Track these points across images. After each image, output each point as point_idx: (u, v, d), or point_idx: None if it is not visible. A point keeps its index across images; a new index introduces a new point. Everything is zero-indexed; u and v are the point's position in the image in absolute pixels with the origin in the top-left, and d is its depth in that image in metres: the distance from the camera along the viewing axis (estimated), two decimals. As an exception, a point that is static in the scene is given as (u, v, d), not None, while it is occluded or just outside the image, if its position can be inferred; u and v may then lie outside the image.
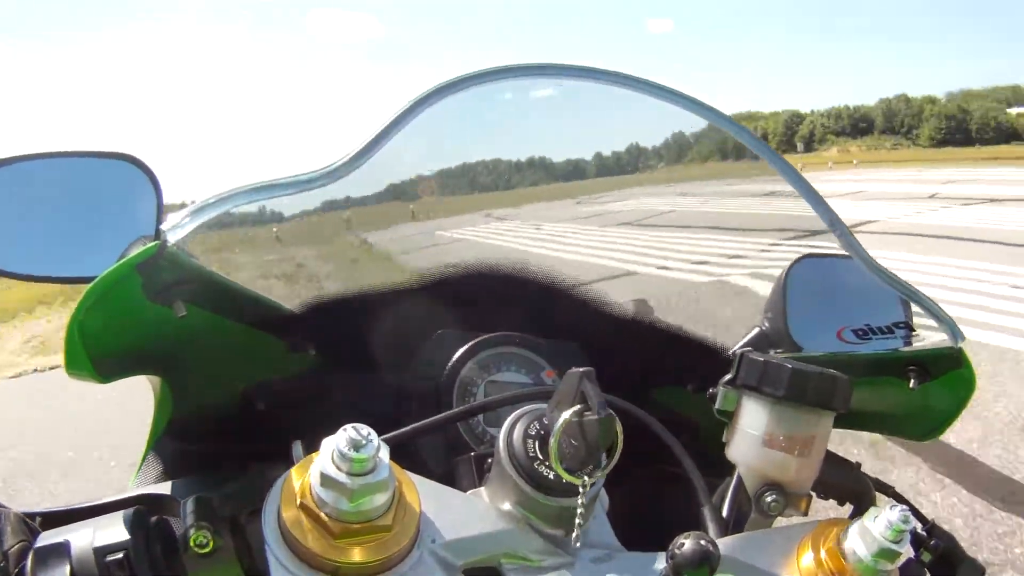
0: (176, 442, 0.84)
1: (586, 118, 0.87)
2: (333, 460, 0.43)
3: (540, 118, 0.85)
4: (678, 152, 0.99)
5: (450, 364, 0.84)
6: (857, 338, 0.81)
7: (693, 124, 0.79)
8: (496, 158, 0.92)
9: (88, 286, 0.57)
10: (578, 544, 0.52)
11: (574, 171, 0.99)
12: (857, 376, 0.77)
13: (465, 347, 0.85)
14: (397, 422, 0.84)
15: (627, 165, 1.02)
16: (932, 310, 0.73)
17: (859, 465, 0.73)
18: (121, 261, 0.58)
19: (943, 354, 0.74)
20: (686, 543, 0.48)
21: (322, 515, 0.43)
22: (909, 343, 0.78)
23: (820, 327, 0.83)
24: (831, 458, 0.69)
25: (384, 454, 0.45)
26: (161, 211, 0.74)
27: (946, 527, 0.69)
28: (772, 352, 0.85)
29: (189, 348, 0.77)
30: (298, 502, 0.44)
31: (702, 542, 0.48)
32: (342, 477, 0.43)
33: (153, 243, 0.59)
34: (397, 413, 0.84)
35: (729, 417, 0.65)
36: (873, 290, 0.74)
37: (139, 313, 0.64)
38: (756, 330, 0.89)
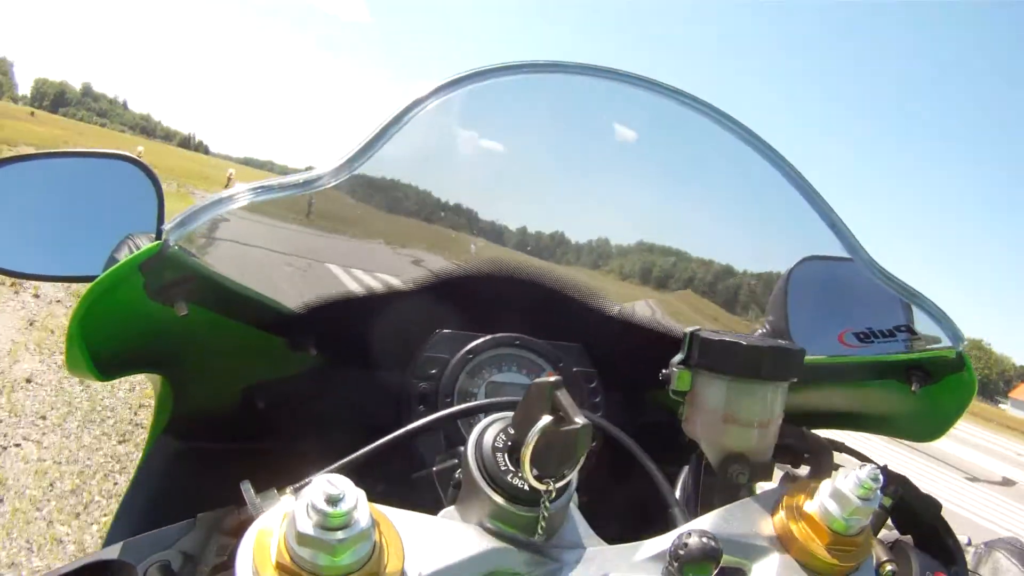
0: (177, 440, 0.85)
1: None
2: (309, 516, 0.41)
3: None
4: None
5: (451, 364, 0.84)
6: (859, 341, 0.80)
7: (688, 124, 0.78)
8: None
9: (90, 285, 0.57)
10: (566, 546, 0.52)
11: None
12: (859, 379, 0.77)
13: (466, 348, 0.85)
14: (397, 421, 0.84)
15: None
16: (934, 313, 0.73)
17: (806, 428, 0.74)
18: (123, 260, 0.58)
19: (944, 357, 0.74)
20: (689, 540, 0.49)
21: (303, 574, 0.41)
22: (911, 346, 0.78)
23: (822, 330, 0.83)
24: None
25: (362, 501, 0.42)
26: (162, 210, 0.74)
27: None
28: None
29: (190, 347, 0.78)
30: (274, 561, 0.42)
31: (705, 539, 0.48)
32: (321, 533, 0.40)
33: (155, 242, 0.59)
34: (397, 413, 0.84)
35: (683, 396, 0.66)
36: (875, 293, 0.74)
37: (141, 312, 0.65)
38: (758, 332, 0.89)
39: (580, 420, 0.48)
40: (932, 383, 0.77)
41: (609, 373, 0.88)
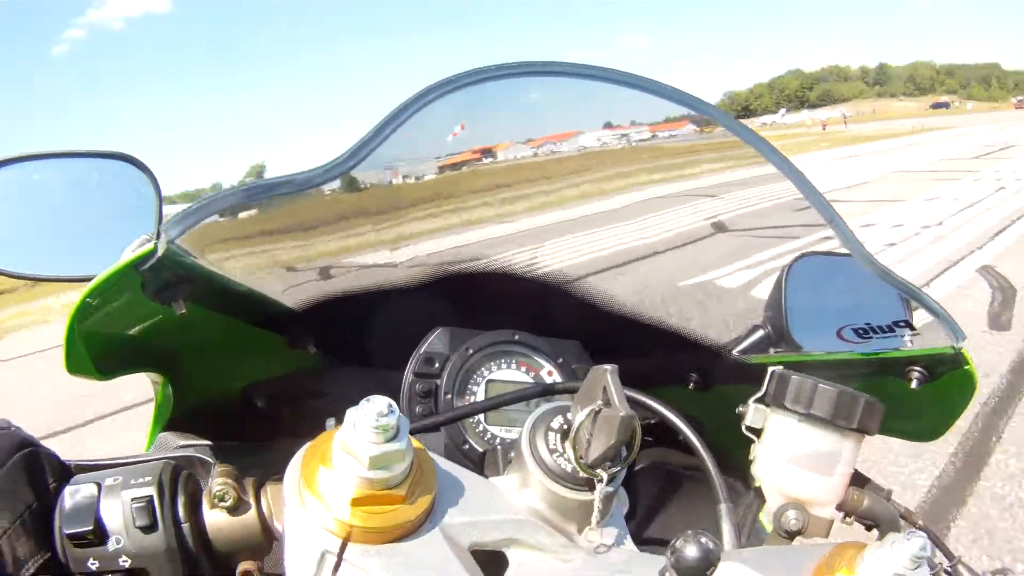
0: (177, 440, 0.85)
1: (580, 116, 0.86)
2: (355, 427, 0.45)
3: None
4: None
5: (450, 362, 0.84)
6: (857, 337, 0.80)
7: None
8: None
9: (88, 286, 0.58)
10: (590, 538, 0.53)
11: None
12: (857, 376, 0.77)
13: (465, 345, 0.85)
14: None
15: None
16: (933, 309, 0.73)
17: (890, 492, 0.72)
18: (121, 261, 0.58)
19: (944, 354, 0.73)
20: (687, 541, 0.49)
21: (339, 479, 0.45)
22: (910, 342, 0.78)
23: (820, 326, 0.83)
24: (860, 482, 0.69)
25: (404, 426, 0.46)
26: (161, 210, 0.74)
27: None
28: (773, 351, 0.84)
29: (189, 346, 0.78)
30: (318, 465, 0.46)
31: (703, 540, 0.48)
32: (361, 443, 0.44)
33: (152, 242, 0.59)
34: None
35: (758, 434, 0.65)
36: (873, 288, 0.74)
37: (139, 311, 0.65)
38: (756, 329, 0.89)
39: (623, 410, 0.49)
40: (932, 380, 0.76)
41: None
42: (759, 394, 0.65)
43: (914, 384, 0.75)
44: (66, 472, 0.53)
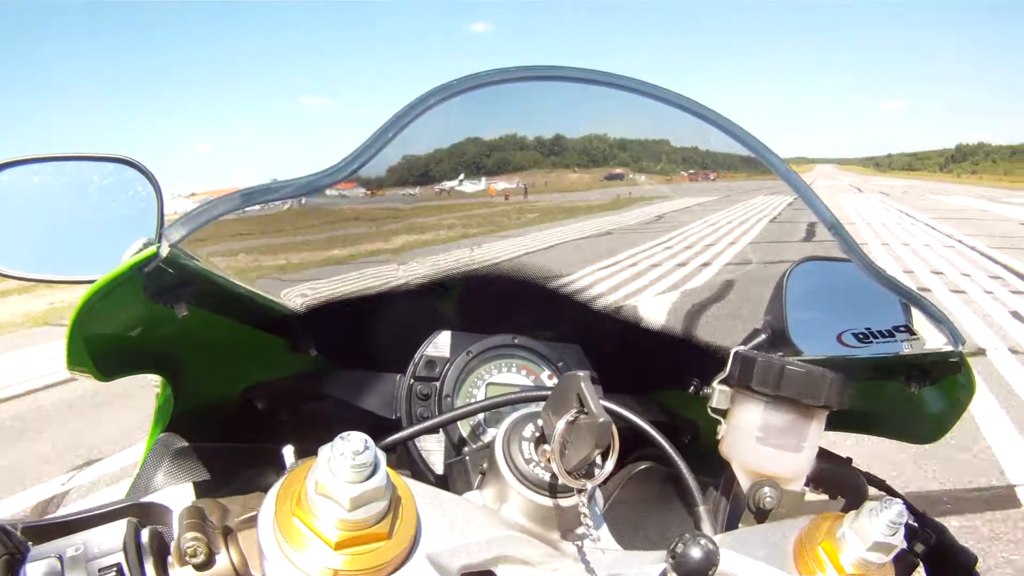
0: (178, 440, 0.85)
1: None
2: (329, 467, 0.43)
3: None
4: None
5: (450, 365, 0.84)
6: (857, 342, 0.80)
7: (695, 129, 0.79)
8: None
9: (90, 288, 0.58)
10: (581, 544, 0.52)
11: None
12: (858, 380, 0.77)
13: (466, 348, 0.85)
14: (397, 423, 0.84)
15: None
16: (933, 313, 0.73)
17: (851, 460, 0.74)
18: (123, 263, 0.58)
19: (943, 358, 0.73)
20: (686, 543, 0.49)
21: (319, 523, 0.43)
22: (910, 347, 0.78)
23: (820, 331, 0.83)
24: (823, 453, 0.70)
25: (381, 461, 0.44)
26: (162, 213, 0.74)
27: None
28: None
29: (190, 348, 0.78)
30: (294, 510, 0.44)
31: (702, 541, 0.48)
32: (339, 485, 0.42)
33: (155, 245, 0.59)
34: (397, 414, 0.84)
35: (724, 415, 0.66)
36: (873, 293, 0.74)
37: (140, 313, 0.65)
38: (756, 333, 0.89)
39: (601, 416, 0.48)
40: (931, 384, 0.76)
41: (610, 374, 0.88)
42: (723, 375, 0.66)
43: (914, 388, 0.76)
44: (18, 543, 0.48)
